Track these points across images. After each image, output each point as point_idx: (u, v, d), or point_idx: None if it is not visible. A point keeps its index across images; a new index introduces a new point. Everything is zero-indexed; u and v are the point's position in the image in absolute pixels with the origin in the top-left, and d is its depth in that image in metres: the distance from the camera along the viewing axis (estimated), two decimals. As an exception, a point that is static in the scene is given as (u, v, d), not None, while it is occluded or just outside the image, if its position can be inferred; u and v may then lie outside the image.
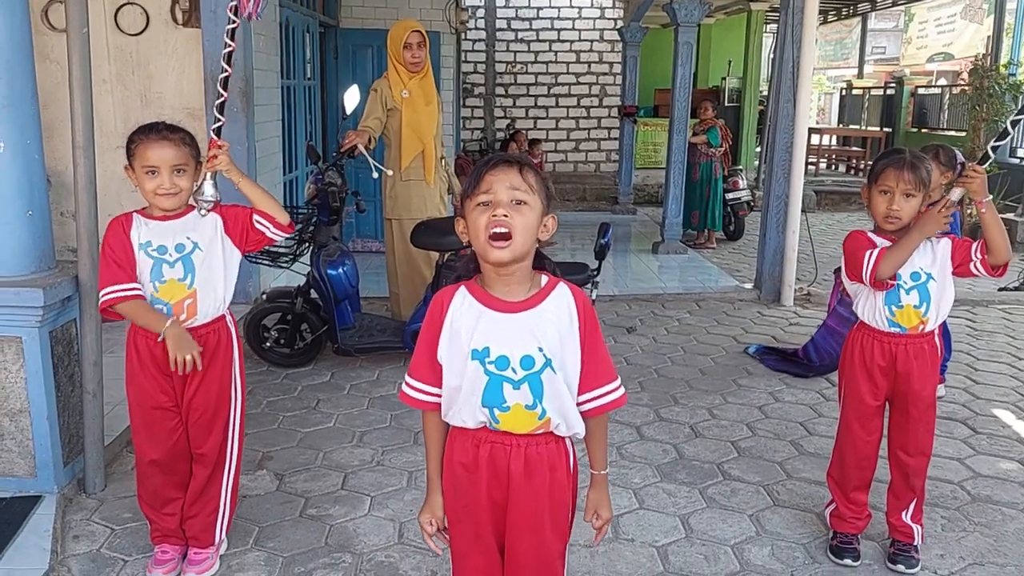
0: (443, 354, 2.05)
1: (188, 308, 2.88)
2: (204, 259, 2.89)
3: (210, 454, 3.05)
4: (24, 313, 3.26)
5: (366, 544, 3.33)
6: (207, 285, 2.91)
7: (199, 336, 2.91)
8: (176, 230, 2.88)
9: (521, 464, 2.08)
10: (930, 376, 3.13)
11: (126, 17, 5.86)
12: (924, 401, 3.14)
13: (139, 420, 2.99)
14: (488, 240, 1.93)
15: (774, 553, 3.32)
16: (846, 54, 26.15)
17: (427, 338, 2.09)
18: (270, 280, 6.57)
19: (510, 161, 1.98)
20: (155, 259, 2.84)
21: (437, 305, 2.07)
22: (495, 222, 1.92)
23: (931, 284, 3.03)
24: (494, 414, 2.04)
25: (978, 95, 10.98)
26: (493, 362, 2.00)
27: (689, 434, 4.46)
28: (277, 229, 2.99)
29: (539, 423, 2.05)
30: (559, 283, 2.07)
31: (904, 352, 3.11)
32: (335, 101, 8.65)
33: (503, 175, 1.95)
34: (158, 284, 2.85)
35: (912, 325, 3.07)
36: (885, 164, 3.02)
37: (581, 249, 9.62)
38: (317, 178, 5.20)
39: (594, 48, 16.18)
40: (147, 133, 2.81)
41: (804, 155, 7.24)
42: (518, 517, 2.11)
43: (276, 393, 4.95)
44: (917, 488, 3.22)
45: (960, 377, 5.37)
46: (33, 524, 3.26)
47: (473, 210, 1.97)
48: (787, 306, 7.17)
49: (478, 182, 1.96)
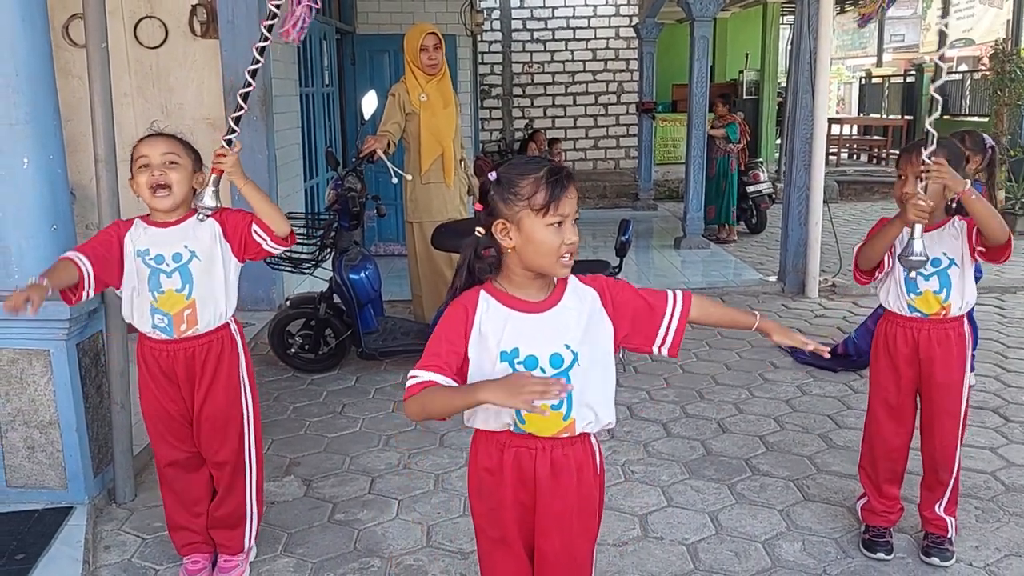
0: (473, 356, 2.03)
1: (188, 318, 2.87)
2: (203, 269, 2.88)
3: (226, 464, 3.05)
4: (51, 326, 3.29)
5: (394, 548, 3.34)
6: (206, 295, 2.89)
7: (201, 346, 2.92)
8: (174, 239, 2.86)
9: (547, 467, 2.07)
10: (955, 364, 3.08)
11: (145, 30, 5.91)
12: (949, 390, 3.10)
13: (153, 428, 3.02)
14: (560, 261, 1.98)
15: (805, 548, 3.30)
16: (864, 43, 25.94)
17: (445, 337, 2.02)
18: (293, 286, 6.60)
19: (571, 177, 1.99)
20: (152, 268, 2.84)
21: (460, 309, 2.04)
22: (570, 248, 1.98)
23: (953, 270, 2.99)
24: (520, 414, 2.03)
25: (999, 80, 10.84)
26: (522, 362, 2.00)
27: (716, 430, 4.43)
28: (274, 242, 2.92)
29: (564, 425, 2.05)
30: (570, 277, 2.09)
31: (927, 338, 3.07)
32: (353, 107, 8.68)
33: (572, 198, 1.98)
34: (156, 294, 2.84)
35: (933, 311, 3.04)
36: (901, 150, 3.03)
37: (603, 247, 9.58)
38: (337, 184, 5.22)
39: (610, 45, 16.13)
40: (143, 137, 2.86)
41: (824, 146, 7.18)
42: (546, 519, 2.11)
43: (302, 399, 4.97)
44: (946, 481, 3.17)
45: (990, 365, 5.30)
46: (65, 535, 3.29)
47: (545, 228, 1.95)
48: (812, 298, 7.11)
49: (555, 202, 1.94)
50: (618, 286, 2.10)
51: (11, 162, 3.26)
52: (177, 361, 2.92)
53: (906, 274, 3.03)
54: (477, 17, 10.81)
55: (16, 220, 3.30)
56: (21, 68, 3.22)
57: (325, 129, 8.28)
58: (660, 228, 11.06)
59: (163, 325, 2.87)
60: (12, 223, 3.31)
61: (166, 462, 3.04)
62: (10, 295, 2.49)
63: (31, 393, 3.39)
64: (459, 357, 2.01)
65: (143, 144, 2.83)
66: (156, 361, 2.91)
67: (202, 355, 2.93)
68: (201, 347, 2.92)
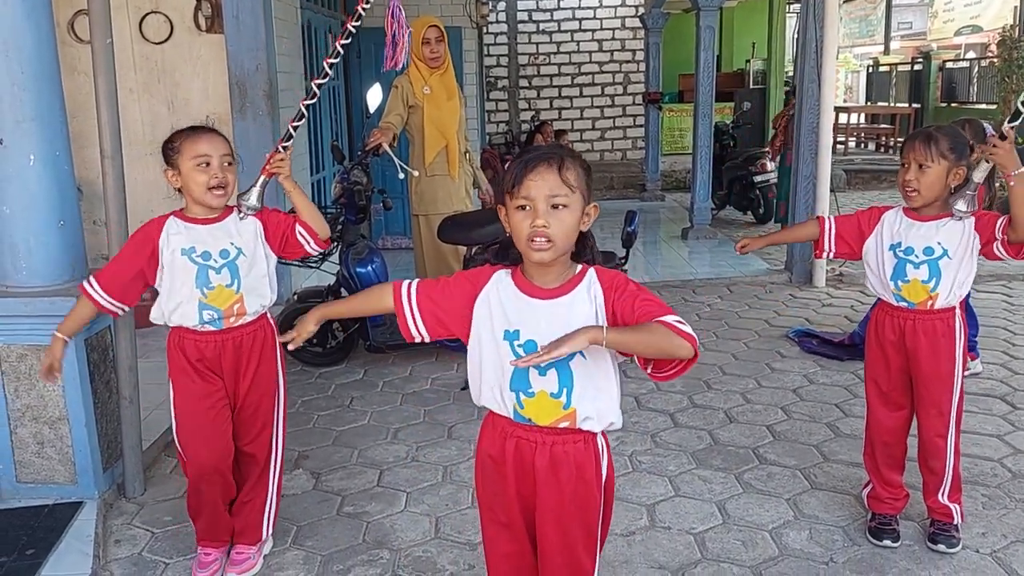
0: (476, 322, 2.08)
1: (237, 310, 2.92)
2: (248, 264, 2.93)
3: (261, 452, 3.11)
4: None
5: (403, 540, 3.35)
6: (253, 288, 2.95)
7: (248, 334, 2.97)
8: (218, 235, 2.90)
9: (546, 460, 2.08)
10: (943, 356, 3.07)
11: (150, 26, 5.92)
12: (934, 381, 3.10)
13: (191, 424, 2.97)
14: (529, 245, 1.96)
15: (812, 537, 3.30)
16: (872, 31, 25.80)
17: (447, 282, 2.15)
18: (301, 280, 6.62)
19: (550, 160, 1.95)
20: (200, 265, 2.86)
21: (475, 274, 2.11)
22: (535, 232, 1.94)
23: (944, 261, 2.97)
24: (520, 399, 2.05)
25: (1007, 66, 10.81)
26: (522, 345, 2.02)
27: (723, 419, 4.44)
28: (317, 244, 3.04)
29: (563, 413, 2.05)
30: (589, 269, 2.08)
31: (912, 328, 3.08)
32: (359, 100, 8.67)
33: (541, 180, 1.94)
34: (206, 290, 2.86)
35: (920, 300, 3.04)
36: (906, 138, 3.03)
37: (611, 237, 9.51)
38: (343, 177, 5.23)
39: (616, 36, 16.11)
40: (193, 130, 2.85)
41: (831, 135, 7.15)
42: (545, 512, 2.12)
43: (310, 392, 4.99)
44: (937, 469, 3.17)
45: (997, 352, 5.29)
46: (75, 530, 3.31)
47: (514, 211, 1.98)
48: (819, 287, 7.10)
49: (518, 184, 1.95)
50: (627, 293, 2.02)
51: (18, 159, 3.28)
52: (226, 351, 2.95)
53: (895, 263, 3.05)
54: (482, 9, 10.81)
55: (23, 217, 3.33)
56: (26, 66, 3.24)
57: (332, 123, 8.28)
58: (667, 218, 11.05)
59: (213, 319, 2.90)
60: (20, 220, 3.33)
61: (199, 466, 2.98)
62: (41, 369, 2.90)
63: (40, 389, 3.41)
64: (448, 304, 2.12)
65: (202, 142, 2.81)
66: (200, 352, 2.93)
67: (249, 343, 2.99)
68: (248, 335, 2.97)
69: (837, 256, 3.25)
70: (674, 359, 1.93)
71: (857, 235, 3.16)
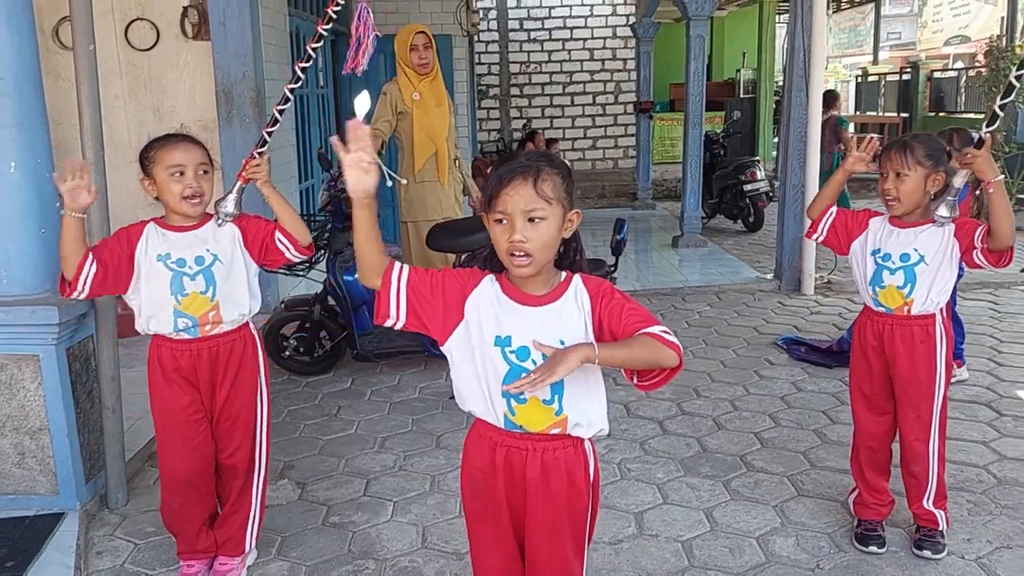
0: (464, 322, 2.04)
1: (212, 318, 2.89)
2: (225, 271, 2.90)
3: (241, 464, 3.06)
4: (40, 331, 3.28)
5: (389, 550, 3.33)
6: (229, 295, 2.91)
7: (225, 343, 2.93)
8: (194, 242, 2.88)
9: (538, 469, 2.07)
10: (921, 362, 3.08)
11: (136, 33, 5.90)
12: (913, 385, 3.11)
13: (165, 434, 2.97)
14: (509, 259, 1.95)
15: (799, 544, 3.29)
16: (861, 41, 25.94)
17: (444, 274, 2.08)
18: (288, 289, 6.59)
19: (525, 173, 1.93)
20: (175, 272, 2.84)
21: (467, 273, 2.08)
22: (513, 247, 1.92)
23: (920, 267, 2.99)
24: (511, 405, 2.03)
25: (994, 76, 10.84)
26: (514, 352, 2.00)
27: (712, 427, 4.43)
28: (297, 251, 2.98)
29: (555, 420, 2.04)
30: (574, 276, 2.06)
31: (890, 334, 3.10)
32: (348, 108, 8.66)
33: (517, 194, 1.91)
34: (180, 297, 2.84)
35: (896, 305, 3.06)
36: (883, 147, 3.05)
37: (603, 245, 9.54)
38: (330, 185, 5.22)
39: (607, 45, 16.14)
40: (168, 138, 2.82)
41: (819, 144, 7.17)
42: (536, 522, 2.11)
43: (297, 401, 4.96)
44: (919, 475, 3.17)
45: (983, 360, 5.30)
46: (56, 541, 3.27)
47: (492, 224, 1.97)
48: (808, 295, 7.11)
49: (494, 198, 1.93)
50: (613, 302, 2.01)
51: (-2, 166, 3.25)
52: (201, 360, 2.91)
53: (874, 268, 3.07)
54: (473, 17, 10.82)
55: (4, 225, 3.30)
56: (7, 72, 3.22)
57: (321, 130, 8.27)
58: (658, 227, 11.05)
59: (188, 327, 2.87)
60: (0, 228, 3.30)
61: (173, 477, 2.98)
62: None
63: (21, 399, 3.38)
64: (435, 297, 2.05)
65: (177, 151, 2.79)
66: (176, 362, 2.90)
67: (226, 353, 2.94)
68: (225, 345, 2.93)
69: (825, 243, 3.26)
70: (658, 368, 1.93)
71: (846, 233, 3.19)
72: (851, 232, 3.18)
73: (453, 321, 2.05)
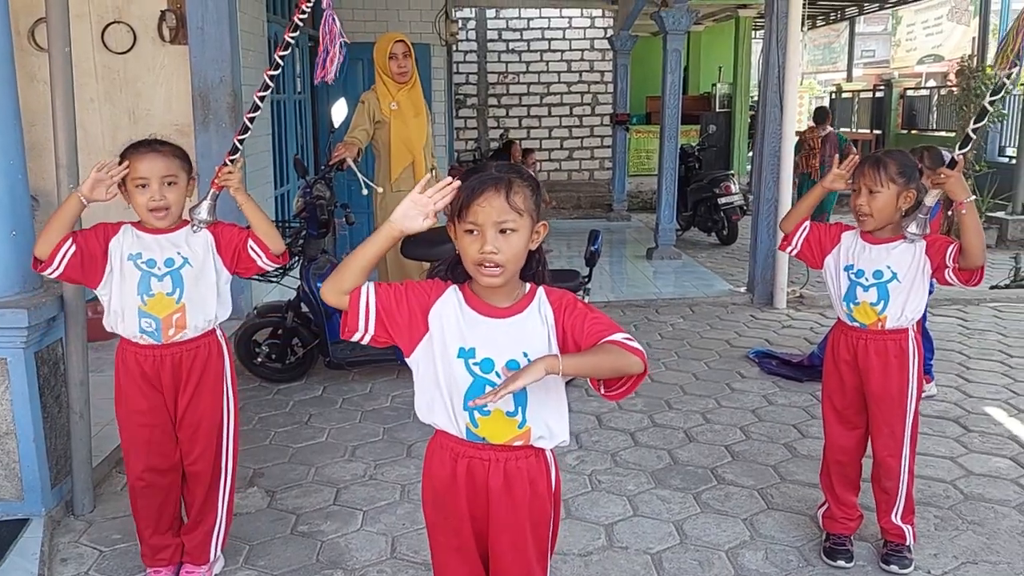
0: (428, 334, 2.03)
1: (176, 323, 2.86)
2: (194, 275, 2.88)
3: (204, 471, 3.03)
4: (9, 334, 3.24)
5: (358, 560, 3.31)
6: (196, 300, 2.89)
7: (188, 350, 2.90)
8: (166, 244, 2.87)
9: (500, 479, 2.07)
10: (894, 377, 3.12)
11: (113, 36, 5.86)
12: (885, 401, 3.14)
13: (129, 437, 2.97)
14: (478, 270, 1.94)
15: (768, 557, 3.31)
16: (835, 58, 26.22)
17: (409, 287, 2.06)
18: (261, 295, 6.55)
19: (497, 184, 1.92)
20: (143, 272, 2.82)
21: (428, 285, 2.06)
22: (483, 258, 1.92)
23: (893, 284, 3.03)
24: (474, 417, 2.02)
25: (965, 95, 11.03)
26: (478, 364, 2.00)
27: (683, 439, 4.44)
28: (269, 259, 2.96)
29: (518, 432, 2.04)
30: (538, 289, 2.06)
31: (864, 348, 3.13)
32: (326, 115, 8.64)
33: (489, 205, 1.91)
34: (146, 297, 2.82)
35: (871, 321, 3.09)
36: (857, 164, 3.09)
37: (578, 256, 9.58)
38: (305, 191, 5.20)
39: (585, 57, 16.22)
40: (137, 148, 2.80)
41: (792, 159, 7.24)
42: (500, 531, 2.10)
43: (268, 409, 4.93)
44: (889, 490, 3.20)
45: (952, 376, 5.36)
46: (20, 547, 3.23)
47: (462, 235, 1.96)
48: (780, 309, 7.16)
49: (465, 208, 1.92)
50: (576, 312, 2.01)
51: (-31, 168, 3.22)
52: (163, 366, 2.89)
53: (847, 284, 3.11)
54: (452, 27, 10.84)
55: (-26, 226, 3.26)
56: (-21, 73, 3.19)
57: (297, 137, 8.24)
58: (633, 239, 11.10)
59: (151, 329, 2.84)
60: (-30, 229, 3.26)
61: (140, 475, 2.97)
62: None
63: (-13, 402, 3.34)
64: (400, 310, 2.03)
65: (142, 162, 2.76)
66: (140, 367, 2.88)
67: (189, 360, 2.92)
68: (188, 352, 2.91)
69: (799, 256, 3.29)
70: (624, 375, 1.93)
71: (819, 247, 3.23)
72: (824, 247, 3.21)
73: (419, 333, 2.04)
